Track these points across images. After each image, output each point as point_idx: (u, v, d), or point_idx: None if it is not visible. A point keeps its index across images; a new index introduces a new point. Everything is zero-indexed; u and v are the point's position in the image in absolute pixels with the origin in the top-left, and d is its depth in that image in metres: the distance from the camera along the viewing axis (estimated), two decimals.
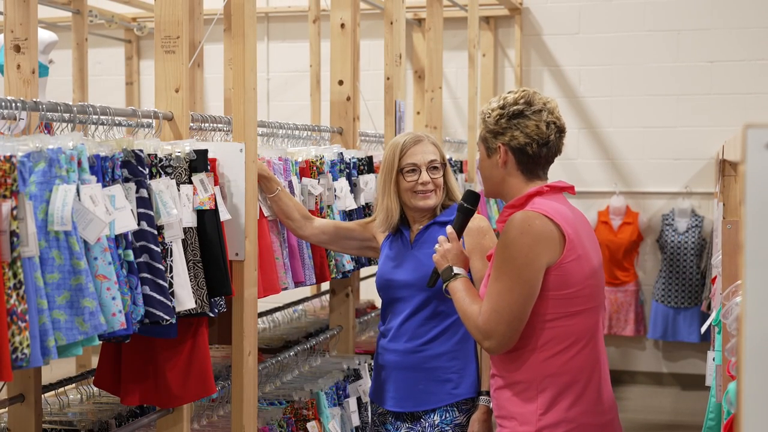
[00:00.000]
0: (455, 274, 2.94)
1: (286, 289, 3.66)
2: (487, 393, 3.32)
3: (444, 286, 2.95)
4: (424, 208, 3.44)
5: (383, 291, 3.49)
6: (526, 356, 2.79)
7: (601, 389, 2.85)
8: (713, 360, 3.67)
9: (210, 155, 3.15)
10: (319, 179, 3.99)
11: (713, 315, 3.69)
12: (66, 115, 2.77)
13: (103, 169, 2.66)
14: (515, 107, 2.84)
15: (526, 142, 2.82)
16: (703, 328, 4.14)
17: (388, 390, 3.46)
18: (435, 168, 3.44)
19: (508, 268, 2.71)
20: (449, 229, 3.02)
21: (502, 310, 2.72)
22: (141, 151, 2.81)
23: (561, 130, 2.89)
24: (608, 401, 2.88)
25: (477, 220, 3.40)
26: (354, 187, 4.31)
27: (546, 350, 2.77)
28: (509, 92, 2.90)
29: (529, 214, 2.73)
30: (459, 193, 3.44)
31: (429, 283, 3.06)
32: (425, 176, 3.41)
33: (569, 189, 2.92)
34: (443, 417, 3.35)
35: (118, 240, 2.66)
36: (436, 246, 3.01)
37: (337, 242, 3.68)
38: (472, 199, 3.05)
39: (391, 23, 5.11)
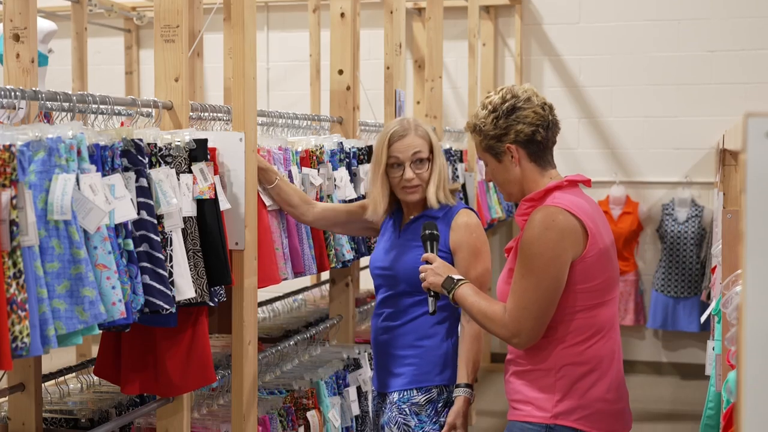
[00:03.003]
0: (458, 280, 2.95)
1: (285, 279, 3.66)
2: (466, 386, 3.34)
3: (450, 297, 2.95)
4: (411, 202, 3.44)
5: (372, 276, 3.53)
6: (546, 346, 2.83)
7: (617, 378, 2.90)
8: (713, 349, 3.67)
9: (210, 144, 3.14)
10: (318, 169, 3.99)
11: (713, 304, 3.70)
12: (65, 105, 2.76)
13: (102, 159, 2.66)
14: (507, 104, 2.86)
15: (533, 130, 2.85)
16: (703, 318, 4.15)
17: (374, 369, 3.55)
18: (420, 161, 3.38)
19: (534, 265, 2.73)
20: (425, 256, 3.07)
21: (530, 306, 2.74)
22: (140, 140, 2.81)
23: (551, 108, 2.94)
24: (622, 389, 2.94)
25: (465, 217, 3.41)
26: (354, 177, 4.30)
27: (567, 341, 2.81)
28: (487, 96, 2.92)
29: (551, 210, 2.75)
30: (445, 189, 3.43)
31: (431, 311, 3.06)
32: (408, 173, 3.36)
33: (586, 182, 2.94)
34: (401, 395, 3.40)
35: (118, 229, 2.66)
36: (422, 275, 3.05)
37: (340, 225, 3.69)
38: (429, 227, 3.15)
39: (391, 12, 5.10)
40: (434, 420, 3.37)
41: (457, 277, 2.97)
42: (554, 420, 2.81)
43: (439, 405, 3.39)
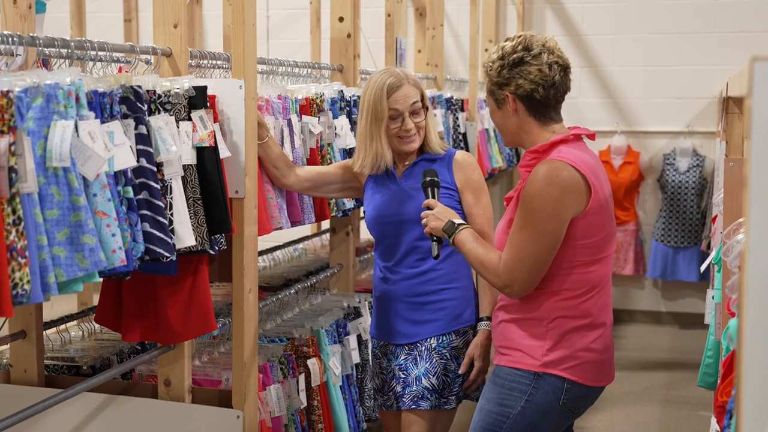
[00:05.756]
0: (458, 224, 2.96)
1: (280, 228, 3.64)
2: (487, 318, 3.41)
3: (450, 240, 2.97)
4: (408, 152, 3.46)
5: (377, 228, 3.50)
6: (540, 296, 2.84)
7: (606, 331, 2.93)
8: (712, 298, 3.68)
9: (209, 92, 3.12)
10: (319, 117, 3.97)
11: (713, 254, 3.70)
12: (63, 51, 2.74)
13: (101, 105, 2.64)
14: (514, 55, 2.84)
15: (532, 88, 2.82)
16: (703, 267, 4.16)
17: (389, 323, 3.51)
18: (416, 112, 3.40)
19: (534, 219, 2.72)
20: (426, 202, 3.09)
21: (526, 259, 2.75)
22: (139, 87, 2.79)
23: (565, 68, 2.89)
24: (609, 342, 2.97)
25: (464, 156, 3.50)
26: (354, 125, 4.28)
27: (562, 294, 2.83)
28: (507, 40, 2.91)
29: (556, 164, 2.73)
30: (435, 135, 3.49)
31: (435, 255, 3.07)
32: (408, 123, 3.39)
33: (590, 136, 2.94)
34: (440, 340, 3.42)
35: (117, 177, 2.64)
36: (423, 221, 3.06)
37: (319, 188, 3.66)
38: (429, 174, 3.18)
39: None
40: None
41: (458, 221, 2.98)
42: (543, 368, 2.85)
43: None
